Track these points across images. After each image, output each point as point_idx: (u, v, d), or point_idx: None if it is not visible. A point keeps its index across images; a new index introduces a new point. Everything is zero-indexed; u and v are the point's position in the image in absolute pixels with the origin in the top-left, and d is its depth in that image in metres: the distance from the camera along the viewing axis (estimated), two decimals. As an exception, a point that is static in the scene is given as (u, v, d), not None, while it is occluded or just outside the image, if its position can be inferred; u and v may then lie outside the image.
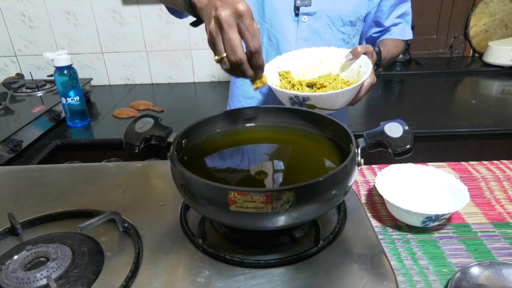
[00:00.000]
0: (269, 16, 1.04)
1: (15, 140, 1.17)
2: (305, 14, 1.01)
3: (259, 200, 0.44)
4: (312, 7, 1.00)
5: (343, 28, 1.04)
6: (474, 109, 1.50)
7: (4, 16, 1.78)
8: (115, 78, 1.95)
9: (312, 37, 1.04)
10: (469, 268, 0.57)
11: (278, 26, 1.04)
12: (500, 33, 2.02)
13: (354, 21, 1.04)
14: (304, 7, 1.00)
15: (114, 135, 1.35)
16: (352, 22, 1.03)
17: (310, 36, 1.03)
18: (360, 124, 1.44)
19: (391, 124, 0.54)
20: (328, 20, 1.02)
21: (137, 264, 0.51)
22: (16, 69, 1.90)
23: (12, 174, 0.77)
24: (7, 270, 0.48)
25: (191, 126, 0.62)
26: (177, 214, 0.60)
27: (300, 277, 0.49)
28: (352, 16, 1.02)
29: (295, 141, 0.63)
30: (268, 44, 1.07)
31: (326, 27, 1.03)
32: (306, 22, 1.02)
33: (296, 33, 1.04)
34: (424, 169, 0.79)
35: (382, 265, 0.50)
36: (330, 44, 1.04)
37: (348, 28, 1.04)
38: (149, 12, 1.78)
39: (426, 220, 0.67)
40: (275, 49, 1.07)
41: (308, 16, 1.02)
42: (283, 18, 1.02)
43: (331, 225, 0.58)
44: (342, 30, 1.04)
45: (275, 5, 1.02)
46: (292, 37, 1.04)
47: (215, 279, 0.48)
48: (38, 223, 0.61)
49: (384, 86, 1.84)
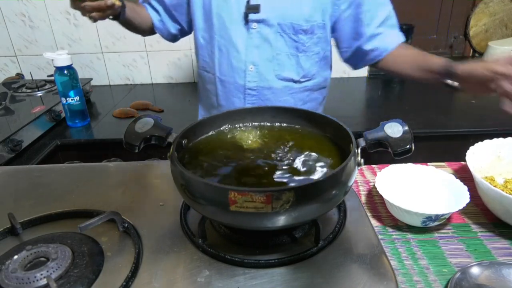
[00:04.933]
0: (218, 27, 1.04)
1: (15, 140, 1.17)
2: (254, 21, 1.01)
3: (259, 200, 0.44)
4: (261, 14, 0.99)
5: (295, 37, 1.02)
6: (474, 109, 1.50)
7: (4, 16, 1.78)
8: (115, 78, 1.95)
9: (263, 44, 1.03)
10: (469, 268, 0.57)
11: (227, 36, 1.04)
12: (500, 33, 2.02)
13: (308, 30, 1.02)
14: (253, 14, 0.99)
15: (114, 135, 1.35)
16: (306, 30, 1.02)
17: (260, 43, 1.03)
18: (360, 124, 1.44)
19: (391, 124, 0.54)
20: (278, 28, 1.01)
21: (137, 264, 0.51)
22: (16, 69, 1.90)
23: (12, 174, 0.77)
24: (7, 270, 0.48)
25: (191, 126, 0.62)
26: (177, 214, 0.60)
27: (300, 277, 0.49)
28: (305, 24, 1.01)
29: (296, 141, 0.63)
30: (220, 55, 1.08)
31: (276, 34, 1.02)
32: (256, 29, 1.02)
33: (246, 41, 1.03)
34: (424, 169, 0.79)
35: (382, 265, 0.50)
36: (281, 51, 1.04)
37: (302, 36, 1.02)
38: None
39: (426, 220, 0.67)
40: (225, 58, 1.07)
41: (258, 23, 1.01)
42: (232, 27, 1.03)
43: (331, 225, 0.58)
44: (294, 38, 1.03)
45: (223, 16, 1.02)
46: (242, 45, 1.04)
47: (215, 279, 0.48)
48: (38, 223, 0.61)
49: (384, 86, 1.84)
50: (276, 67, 1.06)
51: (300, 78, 1.07)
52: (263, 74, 1.07)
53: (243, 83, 1.08)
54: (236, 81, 1.08)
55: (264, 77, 1.07)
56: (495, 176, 0.80)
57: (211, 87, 1.16)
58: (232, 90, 1.11)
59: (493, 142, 0.81)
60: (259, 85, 1.08)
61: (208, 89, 1.18)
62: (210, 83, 1.15)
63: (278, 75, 1.07)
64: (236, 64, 1.06)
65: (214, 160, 0.59)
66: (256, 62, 1.05)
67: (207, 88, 1.18)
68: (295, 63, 1.06)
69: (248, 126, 0.68)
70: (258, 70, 1.06)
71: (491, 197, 0.69)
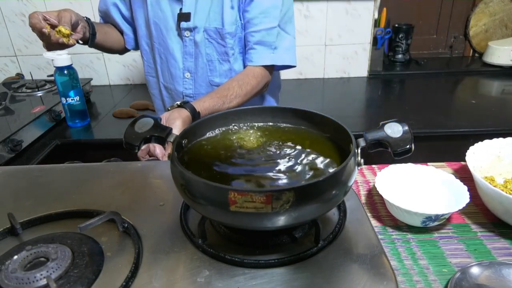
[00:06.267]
0: (156, 36, 1.09)
1: (15, 140, 1.17)
2: (186, 29, 1.05)
3: (259, 200, 0.44)
4: (191, 22, 1.03)
5: (222, 41, 1.05)
6: (474, 109, 1.50)
7: (4, 16, 1.78)
8: (115, 78, 1.95)
9: (196, 52, 1.07)
10: (469, 268, 0.57)
11: (165, 44, 1.09)
12: (500, 33, 2.02)
13: (234, 32, 1.04)
14: (184, 23, 1.03)
15: (114, 135, 1.35)
16: (231, 33, 1.04)
17: (193, 51, 1.07)
18: (360, 124, 1.44)
19: (391, 124, 0.54)
20: (205, 34, 1.05)
21: (137, 264, 0.51)
22: (16, 69, 1.90)
23: (12, 174, 0.77)
24: (7, 270, 0.48)
25: (191, 126, 0.62)
26: (177, 214, 0.60)
27: (300, 277, 0.49)
28: (230, 28, 1.03)
29: (296, 141, 0.63)
30: (161, 62, 1.13)
31: (205, 41, 1.06)
32: (188, 37, 1.06)
33: (181, 49, 1.08)
34: (424, 169, 0.79)
35: (382, 265, 0.50)
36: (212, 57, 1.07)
37: (229, 40, 1.05)
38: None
39: (426, 220, 0.67)
40: (165, 66, 1.12)
41: (189, 31, 1.05)
42: (169, 36, 1.07)
43: (331, 225, 0.58)
44: (222, 43, 1.05)
45: (159, 25, 1.06)
46: (179, 53, 1.08)
47: (215, 279, 0.48)
48: (38, 223, 0.60)
49: (384, 86, 1.84)
50: (209, 73, 1.10)
51: None
52: (197, 81, 1.12)
53: (181, 90, 1.13)
54: (176, 88, 1.14)
55: (199, 83, 1.12)
56: (495, 176, 0.80)
57: (156, 92, 1.23)
58: (174, 96, 1.16)
59: (493, 142, 0.81)
60: (194, 92, 1.13)
61: (153, 94, 1.25)
62: (155, 88, 1.22)
63: (211, 81, 1.11)
64: (174, 72, 1.12)
65: (214, 160, 0.59)
66: (191, 70, 1.10)
67: (153, 93, 1.25)
68: (228, 68, 1.10)
69: (248, 126, 0.68)
70: (193, 77, 1.11)
71: (491, 197, 0.69)
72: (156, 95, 1.25)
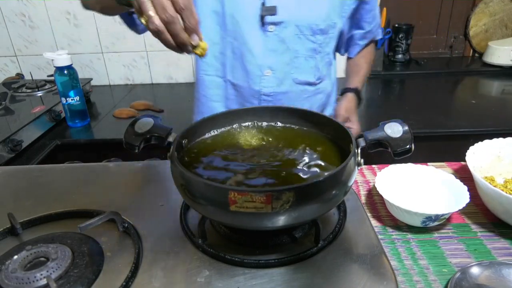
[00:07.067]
0: (231, 29, 0.98)
1: (15, 140, 1.17)
2: (271, 23, 0.96)
3: (259, 200, 0.44)
4: (278, 16, 0.95)
5: (313, 38, 0.99)
6: (474, 109, 1.50)
7: (4, 16, 1.78)
8: (115, 78, 1.94)
9: (280, 47, 0.99)
10: (469, 268, 0.57)
11: (241, 39, 0.98)
12: (500, 33, 2.02)
13: (325, 29, 1.00)
14: (269, 17, 0.95)
15: (114, 135, 1.35)
16: (322, 30, 0.99)
17: (277, 46, 0.99)
18: (360, 124, 1.43)
19: (391, 124, 0.54)
20: (296, 30, 0.97)
21: (137, 264, 0.51)
22: (16, 69, 1.90)
23: (12, 174, 0.77)
24: (7, 270, 0.48)
25: (191, 126, 0.62)
26: (177, 214, 0.60)
27: (300, 277, 0.49)
28: (323, 24, 0.98)
29: (296, 141, 0.63)
30: (234, 58, 1.01)
31: (294, 36, 0.98)
32: (273, 32, 0.97)
33: (263, 44, 0.98)
34: (424, 169, 0.79)
35: (382, 265, 0.50)
36: (299, 54, 1.01)
37: (319, 37, 1.00)
38: (149, 12, 1.78)
39: (426, 220, 0.67)
40: (239, 62, 1.01)
41: (274, 25, 0.96)
42: (247, 30, 0.97)
43: (331, 225, 0.58)
44: (312, 40, 1.00)
45: (236, 17, 0.96)
46: (258, 49, 0.98)
47: (215, 279, 0.48)
48: (38, 223, 0.61)
49: (384, 86, 1.84)
50: (293, 71, 1.02)
51: (316, 80, 1.05)
52: (280, 78, 1.02)
53: (258, 89, 1.02)
54: (250, 86, 1.02)
55: (281, 81, 1.03)
56: (495, 176, 0.80)
57: (213, 92, 1.09)
58: (246, 95, 1.05)
59: (493, 142, 0.81)
60: (275, 91, 1.03)
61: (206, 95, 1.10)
62: (214, 88, 1.08)
63: (295, 78, 1.03)
64: (250, 69, 1.01)
65: (214, 160, 0.59)
66: (273, 67, 1.01)
67: (206, 94, 1.10)
68: (313, 65, 1.04)
69: (248, 126, 0.68)
70: (275, 75, 1.01)
71: (491, 197, 0.69)
72: (211, 96, 1.10)
